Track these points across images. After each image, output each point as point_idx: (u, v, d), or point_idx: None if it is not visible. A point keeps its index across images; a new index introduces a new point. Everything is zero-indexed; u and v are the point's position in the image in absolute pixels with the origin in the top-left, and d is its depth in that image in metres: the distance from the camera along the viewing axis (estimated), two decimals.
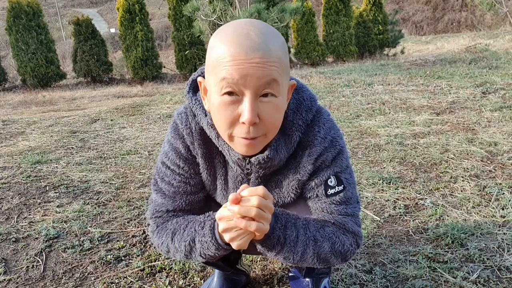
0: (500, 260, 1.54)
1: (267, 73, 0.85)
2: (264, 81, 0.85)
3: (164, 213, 1.10)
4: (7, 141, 4.02)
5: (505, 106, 3.92)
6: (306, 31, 12.59)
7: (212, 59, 0.88)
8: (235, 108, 0.87)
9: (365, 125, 3.68)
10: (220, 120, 0.90)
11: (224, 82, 0.85)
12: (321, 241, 1.00)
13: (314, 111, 1.04)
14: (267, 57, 0.84)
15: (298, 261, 1.00)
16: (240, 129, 0.89)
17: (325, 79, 6.70)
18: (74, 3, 41.39)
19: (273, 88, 0.87)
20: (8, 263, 1.75)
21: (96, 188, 2.57)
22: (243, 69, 0.83)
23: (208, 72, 0.91)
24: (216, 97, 0.88)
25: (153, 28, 12.59)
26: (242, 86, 0.85)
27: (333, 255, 1.02)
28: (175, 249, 1.05)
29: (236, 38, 0.85)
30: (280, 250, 0.97)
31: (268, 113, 0.88)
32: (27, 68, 11.51)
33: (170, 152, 1.08)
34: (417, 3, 29.96)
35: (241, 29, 0.86)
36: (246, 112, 0.86)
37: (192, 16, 7.49)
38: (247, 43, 0.84)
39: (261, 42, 0.85)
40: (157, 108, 5.47)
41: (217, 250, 0.98)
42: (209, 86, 0.92)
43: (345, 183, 1.05)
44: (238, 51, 0.83)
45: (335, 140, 1.04)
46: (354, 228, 1.06)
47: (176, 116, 1.09)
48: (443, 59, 8.90)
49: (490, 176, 2.35)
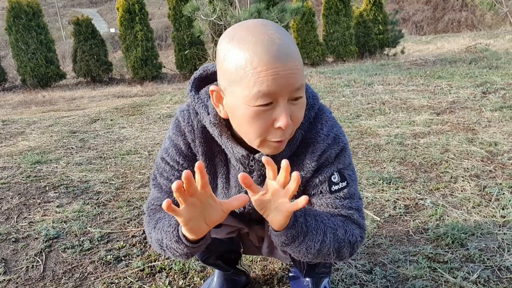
0: (501, 260, 1.54)
1: (299, 79, 0.85)
2: (297, 86, 0.86)
3: (158, 206, 1.10)
4: (7, 141, 4.02)
5: (505, 106, 3.92)
6: (306, 31, 12.59)
7: (235, 68, 0.84)
8: (269, 115, 0.87)
9: (365, 125, 3.67)
10: (252, 129, 0.89)
11: (260, 94, 0.83)
12: (335, 228, 0.99)
13: (317, 109, 1.05)
14: (295, 61, 0.85)
15: (317, 251, 0.97)
16: (274, 133, 0.89)
17: (325, 79, 6.70)
18: (74, 3, 41.39)
19: (302, 91, 0.89)
20: (8, 263, 1.75)
21: (96, 188, 2.56)
22: (278, 79, 0.82)
23: (231, 82, 0.87)
24: (247, 107, 0.86)
25: (153, 28, 12.59)
26: (278, 95, 0.85)
27: (345, 244, 1.01)
28: (155, 240, 1.02)
29: (262, 46, 0.82)
30: (302, 240, 0.94)
31: (297, 113, 0.90)
32: (27, 68, 11.51)
33: (171, 148, 1.08)
34: (417, 3, 29.96)
35: (261, 33, 0.84)
36: (282, 119, 0.86)
37: (192, 16, 7.49)
38: (274, 48, 0.82)
39: (286, 46, 0.84)
40: (157, 108, 5.47)
41: (177, 243, 0.94)
42: (232, 96, 0.88)
43: (348, 179, 1.05)
44: (270, 60, 0.82)
45: (338, 137, 1.04)
46: (360, 221, 1.05)
47: (178, 113, 1.09)
48: (443, 59, 8.90)
49: (490, 176, 2.34)
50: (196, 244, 0.93)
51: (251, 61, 0.82)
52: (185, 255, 0.98)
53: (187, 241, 0.92)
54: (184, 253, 0.97)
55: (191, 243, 0.93)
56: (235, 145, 0.99)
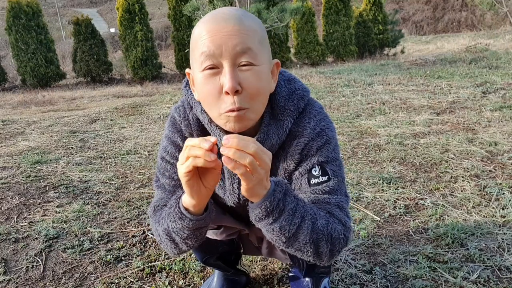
0: (500, 260, 1.54)
1: (240, 41, 0.88)
2: (239, 48, 0.88)
3: (163, 206, 1.10)
4: (6, 141, 4.02)
5: (505, 106, 3.92)
6: (306, 31, 12.59)
7: (192, 41, 0.93)
8: (217, 80, 0.89)
9: (365, 125, 3.67)
10: (205, 97, 0.92)
11: (203, 56, 0.88)
12: (316, 218, 0.94)
13: (306, 101, 1.05)
14: (239, 26, 0.88)
15: (292, 235, 0.92)
16: (226, 102, 0.90)
17: (325, 79, 6.70)
18: (73, 3, 41.39)
19: (250, 56, 0.89)
20: (8, 263, 1.75)
21: (96, 188, 2.56)
22: (217, 39, 0.87)
23: (191, 56, 0.94)
24: (199, 73, 0.91)
25: (153, 28, 12.58)
26: (219, 57, 0.88)
27: (324, 238, 0.95)
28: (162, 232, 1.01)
29: (211, 16, 0.91)
30: (277, 218, 0.89)
31: (249, 80, 0.90)
32: (26, 68, 11.50)
33: (169, 146, 1.09)
34: (417, 2, 29.95)
35: (218, 10, 0.93)
36: (227, 80, 0.87)
37: (192, 15, 7.49)
38: (220, 16, 0.89)
39: (234, 14, 0.89)
40: (157, 108, 5.47)
41: (181, 220, 0.93)
42: (193, 70, 0.95)
43: (330, 174, 1.02)
44: (212, 25, 0.89)
45: (323, 130, 1.03)
46: (342, 218, 1.00)
47: (173, 110, 1.10)
48: (443, 59, 8.90)
49: (490, 176, 2.34)
50: (200, 216, 0.93)
51: (200, 30, 0.90)
52: (193, 236, 0.96)
53: (190, 214, 0.92)
54: (192, 232, 0.95)
55: (194, 216, 0.92)
56: (222, 132, 1.00)
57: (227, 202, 1.13)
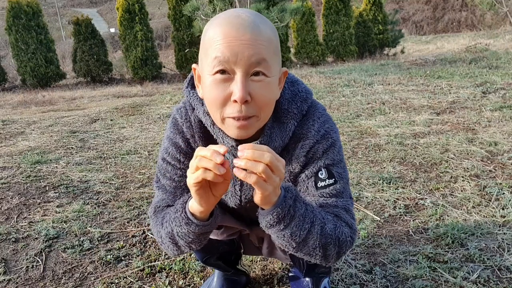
0: (500, 260, 1.54)
1: (257, 51, 0.86)
2: (255, 59, 0.86)
3: (164, 207, 1.10)
4: (6, 141, 4.02)
5: (505, 106, 3.92)
6: (306, 31, 12.59)
7: (205, 42, 0.90)
8: (227, 86, 0.88)
9: (365, 125, 3.67)
10: (211, 100, 0.90)
11: (216, 60, 0.86)
12: (324, 222, 0.95)
13: (309, 103, 1.05)
14: (257, 35, 0.86)
15: (302, 240, 0.93)
16: (231, 108, 0.89)
17: (325, 79, 6.70)
18: (73, 3, 41.40)
19: (263, 67, 0.88)
20: (8, 263, 1.75)
21: (96, 188, 2.56)
22: (233, 47, 0.85)
23: (201, 56, 0.92)
24: (208, 77, 0.89)
25: (153, 28, 12.58)
26: (233, 64, 0.86)
27: (333, 241, 0.96)
28: (165, 235, 1.02)
29: (227, 19, 0.88)
30: (288, 224, 0.89)
31: (259, 91, 0.89)
32: (26, 68, 11.51)
33: (170, 147, 1.08)
34: (417, 2, 29.96)
35: (233, 12, 0.90)
36: (238, 90, 0.86)
37: (192, 15, 7.49)
38: (237, 21, 0.87)
39: (251, 22, 0.87)
40: (157, 108, 5.47)
41: (187, 226, 0.93)
42: (202, 70, 0.93)
43: (336, 176, 1.03)
44: (229, 30, 0.86)
45: (328, 133, 1.03)
46: (349, 220, 1.02)
47: (175, 112, 1.10)
48: (443, 59, 8.90)
49: (490, 176, 2.34)
50: (206, 222, 0.93)
51: (215, 33, 0.88)
52: (198, 241, 0.97)
53: (197, 220, 0.92)
54: (197, 237, 0.96)
55: (201, 221, 0.92)
56: (225, 136, 0.99)
57: (228, 204, 1.13)
